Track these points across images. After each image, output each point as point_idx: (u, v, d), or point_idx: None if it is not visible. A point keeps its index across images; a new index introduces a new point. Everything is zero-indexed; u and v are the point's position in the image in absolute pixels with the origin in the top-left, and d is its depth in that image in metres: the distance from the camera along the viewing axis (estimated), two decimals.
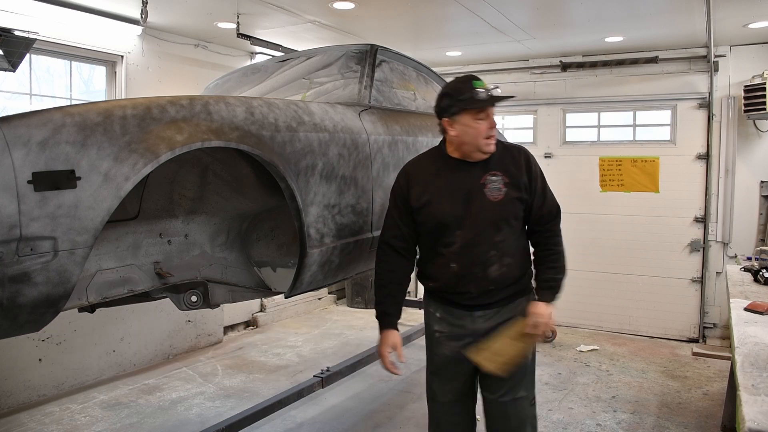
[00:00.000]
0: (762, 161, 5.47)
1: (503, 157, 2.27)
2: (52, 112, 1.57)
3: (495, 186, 2.21)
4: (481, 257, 2.21)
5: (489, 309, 2.29)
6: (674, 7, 4.31)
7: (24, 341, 3.87)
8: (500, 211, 2.20)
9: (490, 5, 4.27)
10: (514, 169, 2.25)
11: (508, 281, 2.26)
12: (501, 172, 2.22)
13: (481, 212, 2.20)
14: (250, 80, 3.51)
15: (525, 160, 2.28)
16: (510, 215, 2.22)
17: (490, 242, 2.21)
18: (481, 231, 2.20)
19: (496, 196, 2.20)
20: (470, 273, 2.23)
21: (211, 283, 2.45)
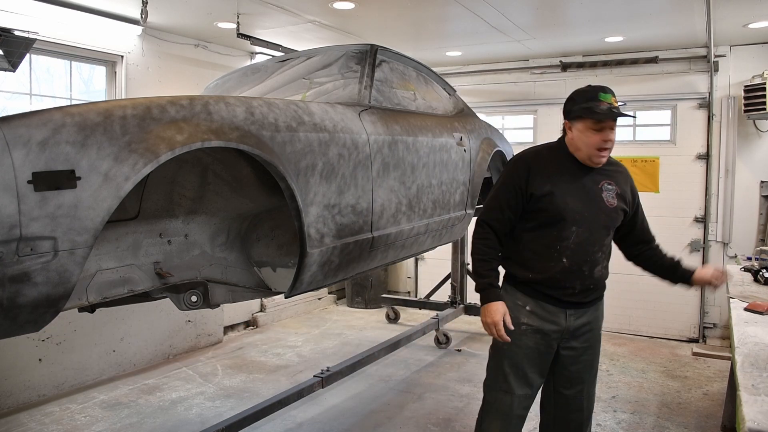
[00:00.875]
0: (762, 161, 5.47)
1: (614, 170, 2.43)
2: (52, 112, 1.57)
3: (610, 194, 2.36)
4: (592, 256, 2.34)
5: (580, 308, 2.40)
6: (674, 7, 4.31)
7: (24, 341, 3.87)
8: (612, 217, 2.36)
9: (490, 5, 4.27)
10: (623, 183, 2.42)
11: (603, 283, 2.45)
12: (614, 183, 2.38)
13: (598, 214, 2.33)
14: (250, 80, 3.51)
15: (630, 177, 2.48)
16: (616, 223, 2.40)
17: (600, 243, 2.35)
18: (595, 231, 2.33)
19: (611, 203, 2.35)
20: (579, 270, 2.33)
21: (211, 283, 2.45)
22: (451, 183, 3.61)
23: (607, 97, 2.26)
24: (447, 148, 3.51)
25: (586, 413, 2.56)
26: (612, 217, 2.37)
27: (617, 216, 2.38)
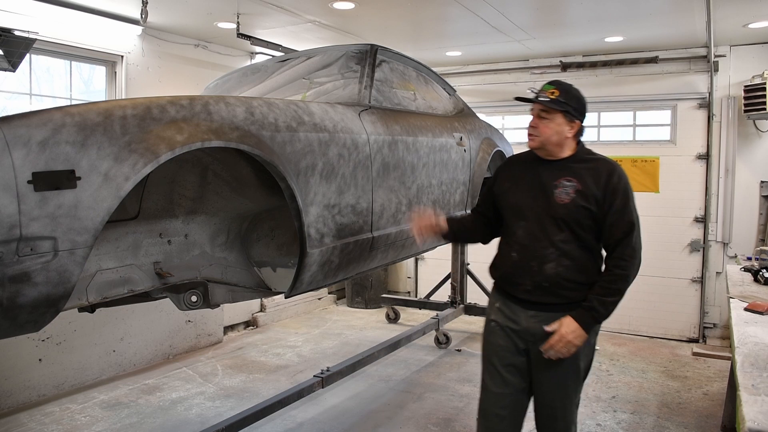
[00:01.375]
0: (762, 161, 5.47)
1: (585, 167, 2.33)
2: (52, 112, 1.57)
3: (565, 190, 2.29)
4: (540, 252, 2.29)
5: (544, 311, 2.32)
6: (674, 7, 4.31)
7: (24, 341, 3.87)
8: (563, 213, 2.27)
9: (490, 5, 4.27)
10: (591, 180, 2.29)
11: (565, 284, 2.29)
12: (576, 180, 2.29)
13: (547, 210, 2.30)
14: (250, 80, 3.51)
15: (607, 175, 2.30)
16: (573, 220, 2.27)
17: (550, 239, 2.29)
18: (544, 227, 2.30)
19: (563, 200, 2.28)
20: (527, 265, 2.31)
21: (211, 283, 2.45)
22: (451, 183, 3.61)
23: (547, 87, 2.32)
24: (447, 148, 3.51)
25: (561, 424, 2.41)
26: (563, 213, 2.28)
27: (571, 213, 2.27)
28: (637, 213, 2.35)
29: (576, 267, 2.30)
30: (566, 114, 2.30)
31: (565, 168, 2.34)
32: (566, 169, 2.33)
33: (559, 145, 2.33)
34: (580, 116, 2.34)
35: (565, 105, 2.29)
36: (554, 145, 2.33)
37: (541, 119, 2.32)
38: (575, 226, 2.28)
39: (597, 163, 2.35)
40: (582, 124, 2.36)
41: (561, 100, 2.29)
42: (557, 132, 2.31)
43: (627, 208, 2.31)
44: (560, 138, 2.32)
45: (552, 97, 2.29)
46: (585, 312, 2.25)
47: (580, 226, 2.28)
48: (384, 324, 6.33)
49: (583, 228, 2.29)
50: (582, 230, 2.29)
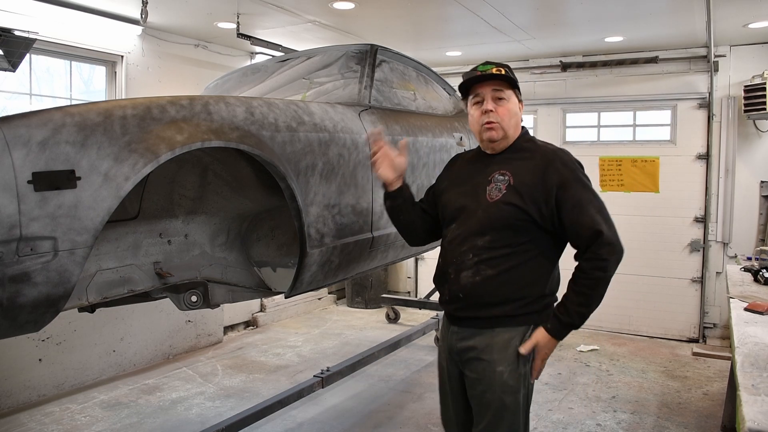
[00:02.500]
0: (762, 161, 5.47)
1: (524, 157, 2.01)
2: (52, 112, 1.57)
3: (497, 186, 1.97)
4: (459, 257, 1.99)
5: (463, 326, 2.03)
6: (674, 7, 4.31)
7: (24, 341, 3.87)
8: (489, 213, 1.96)
9: (490, 5, 4.27)
10: (527, 173, 1.95)
11: (484, 297, 1.96)
12: (510, 173, 1.97)
13: (475, 209, 2.00)
14: (250, 80, 3.51)
15: (545, 164, 1.95)
16: (499, 221, 1.94)
17: (471, 243, 1.97)
18: (468, 229, 1.99)
19: (494, 197, 1.96)
20: (446, 272, 2.04)
21: (211, 283, 2.45)
22: None
23: (486, 66, 2.00)
24: (447, 148, 3.51)
25: None
26: (490, 213, 1.95)
27: (501, 212, 1.93)
28: (597, 199, 1.96)
29: (501, 278, 1.94)
30: (517, 91, 2.04)
31: (501, 160, 2.03)
32: (502, 162, 2.02)
33: (517, 128, 2.05)
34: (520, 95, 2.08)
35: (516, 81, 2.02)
36: (514, 130, 2.03)
37: (498, 101, 2.00)
38: (503, 228, 1.94)
39: (535, 152, 2.01)
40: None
41: (512, 76, 1.99)
42: (515, 113, 2.02)
43: (584, 198, 1.93)
44: (518, 120, 2.04)
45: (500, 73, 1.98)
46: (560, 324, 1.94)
47: (510, 228, 1.94)
48: (384, 324, 6.33)
49: (516, 231, 1.94)
50: (513, 234, 1.94)
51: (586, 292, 1.92)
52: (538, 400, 4.15)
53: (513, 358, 1.96)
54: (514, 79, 2.02)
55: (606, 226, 1.91)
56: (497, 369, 1.97)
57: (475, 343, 2.01)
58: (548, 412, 3.97)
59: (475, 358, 2.01)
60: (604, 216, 1.94)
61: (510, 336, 1.98)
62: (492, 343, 1.98)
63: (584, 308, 1.93)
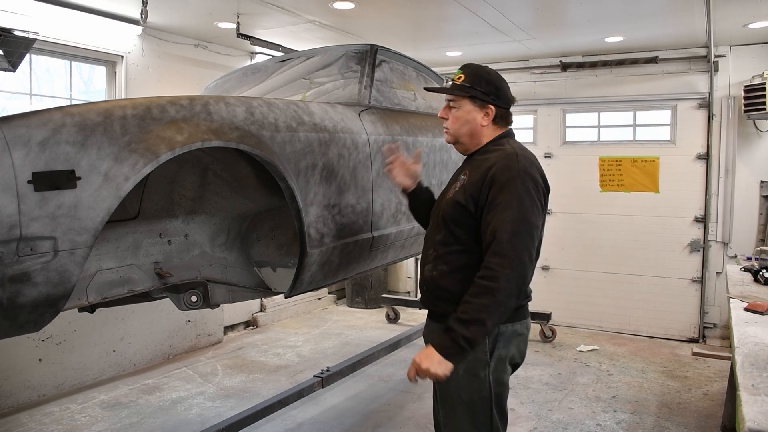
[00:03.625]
0: (762, 161, 5.47)
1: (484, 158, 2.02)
2: (52, 112, 1.57)
3: (455, 185, 2.06)
4: (426, 251, 2.14)
5: (430, 319, 2.15)
6: (674, 7, 4.31)
7: (24, 341, 3.87)
8: (447, 211, 2.03)
9: (490, 5, 4.27)
10: (477, 172, 1.98)
11: (438, 292, 2.03)
12: (469, 173, 2.03)
13: (438, 207, 2.14)
14: (250, 80, 3.51)
15: (491, 164, 1.94)
16: (448, 217, 2.01)
17: (433, 239, 2.09)
18: (434, 225, 2.13)
19: (449, 194, 2.06)
20: (420, 266, 2.19)
21: (211, 283, 2.45)
22: None
23: (456, 73, 2.08)
24: (447, 149, 3.51)
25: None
26: (445, 210, 2.04)
27: (449, 209, 2.01)
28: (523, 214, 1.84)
29: (451, 274, 1.98)
30: (473, 99, 2.03)
31: (470, 161, 2.10)
32: (469, 163, 2.10)
33: (473, 135, 2.06)
34: (494, 99, 2.04)
35: (470, 89, 2.02)
36: (467, 137, 2.07)
37: (451, 109, 2.08)
38: (453, 225, 1.99)
39: (493, 153, 2.01)
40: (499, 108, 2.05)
41: (466, 84, 2.02)
42: (467, 121, 2.04)
43: (504, 204, 1.85)
44: (473, 127, 2.05)
45: (459, 82, 2.04)
46: (442, 334, 1.84)
47: (458, 225, 1.98)
48: (384, 324, 6.33)
49: (463, 229, 1.97)
50: (462, 231, 1.97)
51: (469, 299, 1.82)
52: (538, 400, 4.15)
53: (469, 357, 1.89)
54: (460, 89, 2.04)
55: (509, 237, 1.81)
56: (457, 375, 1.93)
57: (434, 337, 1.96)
58: (548, 412, 3.97)
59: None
60: (516, 230, 1.82)
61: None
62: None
63: (464, 314, 1.80)
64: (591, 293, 6.04)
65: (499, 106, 2.06)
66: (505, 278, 1.79)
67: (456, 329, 1.80)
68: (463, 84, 2.04)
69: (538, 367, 4.87)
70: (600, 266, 6.03)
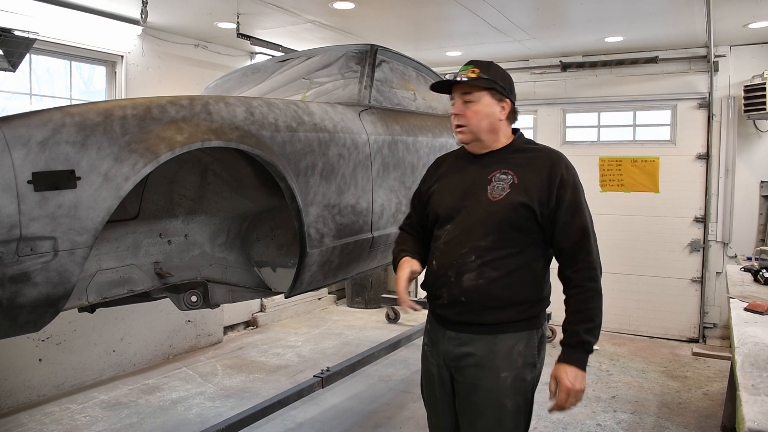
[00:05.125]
0: (762, 161, 5.47)
1: (524, 156, 1.97)
2: (52, 112, 1.57)
3: (500, 185, 1.91)
4: (459, 259, 1.92)
5: (462, 332, 1.96)
6: (674, 7, 4.31)
7: (24, 341, 3.87)
8: (494, 212, 1.89)
9: (490, 5, 4.27)
10: (532, 172, 1.92)
11: (486, 301, 1.90)
12: (513, 172, 1.93)
13: (475, 209, 1.93)
14: (250, 80, 3.51)
15: (550, 164, 1.92)
16: (505, 221, 1.88)
17: (473, 245, 1.90)
18: (468, 229, 1.92)
19: (497, 196, 1.90)
20: (444, 275, 1.95)
21: (211, 283, 2.45)
22: None
23: (465, 67, 1.98)
24: (447, 148, 3.51)
25: None
26: (495, 212, 1.89)
27: (507, 212, 1.88)
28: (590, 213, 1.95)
29: (505, 280, 1.89)
30: (493, 91, 1.96)
31: (501, 159, 1.98)
32: (502, 161, 1.97)
33: (493, 131, 1.99)
34: (510, 94, 2.01)
35: (490, 81, 1.95)
36: (488, 132, 1.98)
37: (466, 104, 1.97)
38: (508, 229, 1.89)
39: (538, 153, 1.99)
40: (513, 105, 2.03)
41: (484, 77, 1.95)
42: (487, 115, 1.96)
43: (580, 205, 1.91)
44: (492, 122, 1.97)
45: (473, 75, 1.95)
46: (575, 350, 1.85)
47: (515, 229, 1.89)
48: (384, 324, 6.33)
49: (521, 231, 1.90)
50: (518, 234, 1.90)
51: (584, 306, 1.87)
52: (538, 400, 4.13)
53: (517, 364, 1.92)
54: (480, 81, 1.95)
55: (593, 236, 1.92)
56: (501, 375, 1.91)
57: (474, 350, 1.94)
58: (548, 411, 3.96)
59: (473, 365, 1.94)
60: (593, 229, 1.94)
61: (513, 342, 1.93)
62: (495, 350, 1.92)
63: (589, 323, 1.87)
64: None
65: (513, 101, 2.04)
66: (600, 276, 1.91)
67: (588, 340, 1.85)
68: (480, 76, 1.95)
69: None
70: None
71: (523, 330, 1.95)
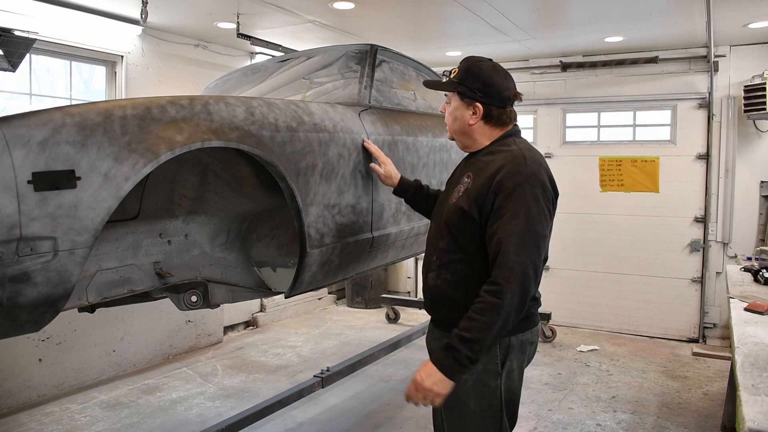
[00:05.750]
0: (762, 161, 5.47)
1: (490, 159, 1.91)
2: (52, 112, 1.56)
3: (460, 188, 1.94)
4: (428, 258, 2.03)
5: (435, 327, 2.05)
6: (674, 7, 4.31)
7: (24, 341, 3.87)
8: (447, 215, 1.94)
9: (490, 5, 4.27)
10: (483, 176, 1.86)
11: (443, 301, 1.94)
12: (473, 176, 1.91)
13: (440, 210, 2.03)
14: (250, 80, 3.51)
15: (497, 168, 1.82)
16: (452, 224, 1.90)
17: (435, 245, 1.99)
18: (436, 230, 2.03)
19: (453, 199, 1.94)
20: (423, 271, 2.08)
21: (211, 283, 2.45)
22: None
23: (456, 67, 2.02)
24: (447, 148, 3.51)
25: None
26: (447, 215, 1.93)
27: (452, 215, 1.90)
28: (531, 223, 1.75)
29: (455, 283, 1.90)
30: (461, 95, 1.94)
31: (474, 162, 1.98)
32: (473, 164, 1.98)
33: (464, 134, 1.99)
34: (483, 97, 1.92)
35: (458, 85, 1.92)
36: (460, 134, 2.01)
37: (447, 104, 2.03)
38: (456, 232, 1.89)
39: (499, 155, 1.89)
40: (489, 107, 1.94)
41: (454, 80, 1.94)
42: (456, 118, 1.98)
43: (511, 213, 1.75)
44: (461, 125, 1.97)
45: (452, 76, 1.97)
46: (444, 352, 1.74)
47: (461, 233, 1.88)
48: (384, 324, 6.33)
49: (467, 237, 1.87)
50: (465, 239, 1.87)
51: (473, 316, 1.72)
52: (538, 400, 4.15)
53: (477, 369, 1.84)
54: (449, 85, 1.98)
55: (515, 249, 1.71)
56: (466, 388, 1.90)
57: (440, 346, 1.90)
58: (548, 412, 3.97)
59: None
60: (522, 241, 1.72)
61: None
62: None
63: (467, 333, 1.70)
64: (591, 293, 6.04)
65: (489, 104, 1.93)
66: (509, 294, 1.69)
67: (459, 348, 1.71)
68: (451, 79, 1.97)
69: (538, 367, 4.86)
70: (600, 266, 6.03)
71: None
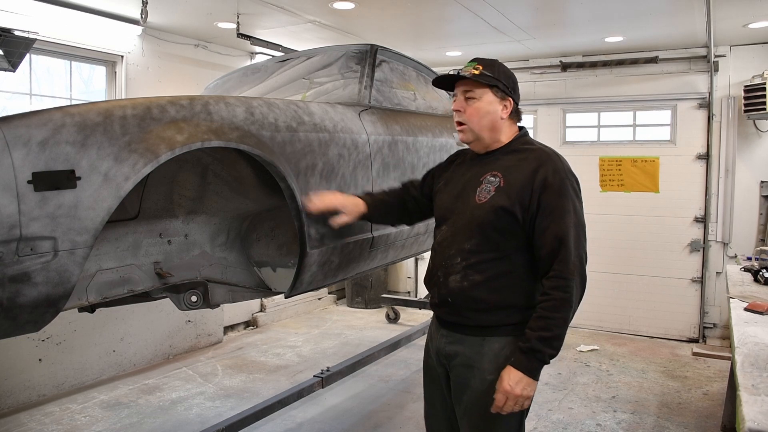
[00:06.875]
0: (762, 161, 5.47)
1: (516, 158, 1.94)
2: (52, 112, 1.56)
3: (487, 187, 1.92)
4: (448, 260, 1.96)
5: (453, 331, 2.00)
6: (674, 7, 4.31)
7: (24, 341, 3.87)
8: (478, 215, 1.90)
9: (490, 5, 4.27)
10: (518, 174, 1.88)
11: (471, 303, 1.91)
12: (502, 174, 1.91)
13: (463, 211, 1.96)
14: (250, 80, 3.51)
15: (536, 166, 1.87)
16: (487, 224, 1.88)
17: (459, 247, 1.93)
18: (457, 231, 1.96)
19: (482, 198, 1.90)
20: (435, 274, 2.02)
21: (211, 283, 2.45)
22: None
23: (470, 64, 1.99)
24: (447, 148, 3.51)
25: None
26: (478, 215, 1.89)
27: (489, 215, 1.87)
28: (579, 217, 1.86)
29: (484, 283, 1.88)
30: (495, 89, 1.94)
31: (494, 161, 1.97)
32: (494, 163, 1.96)
33: (494, 129, 1.97)
34: (513, 93, 1.98)
35: (493, 79, 1.94)
36: (489, 131, 1.96)
37: (468, 100, 1.97)
38: (491, 232, 1.87)
39: (530, 153, 1.93)
40: (516, 104, 2.00)
41: (488, 74, 1.94)
42: (488, 112, 1.94)
43: (562, 210, 1.82)
44: (493, 120, 1.95)
45: (476, 72, 1.94)
46: (525, 356, 1.80)
47: (498, 232, 1.87)
48: (384, 324, 6.33)
49: (503, 235, 1.87)
50: (501, 238, 1.88)
51: (547, 315, 1.80)
52: (538, 400, 4.14)
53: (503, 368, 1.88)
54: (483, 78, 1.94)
55: (574, 243, 1.81)
56: (488, 378, 1.91)
57: (463, 350, 1.97)
58: (548, 412, 3.97)
59: (462, 365, 1.97)
60: (577, 235, 1.83)
61: (500, 346, 1.92)
62: (482, 352, 1.93)
63: (546, 332, 1.79)
64: (591, 293, 5.95)
65: (516, 100, 2.01)
66: (575, 287, 1.79)
67: (541, 349, 1.78)
68: (484, 73, 1.94)
69: None
70: (600, 266, 6.01)
71: (510, 335, 1.92)
